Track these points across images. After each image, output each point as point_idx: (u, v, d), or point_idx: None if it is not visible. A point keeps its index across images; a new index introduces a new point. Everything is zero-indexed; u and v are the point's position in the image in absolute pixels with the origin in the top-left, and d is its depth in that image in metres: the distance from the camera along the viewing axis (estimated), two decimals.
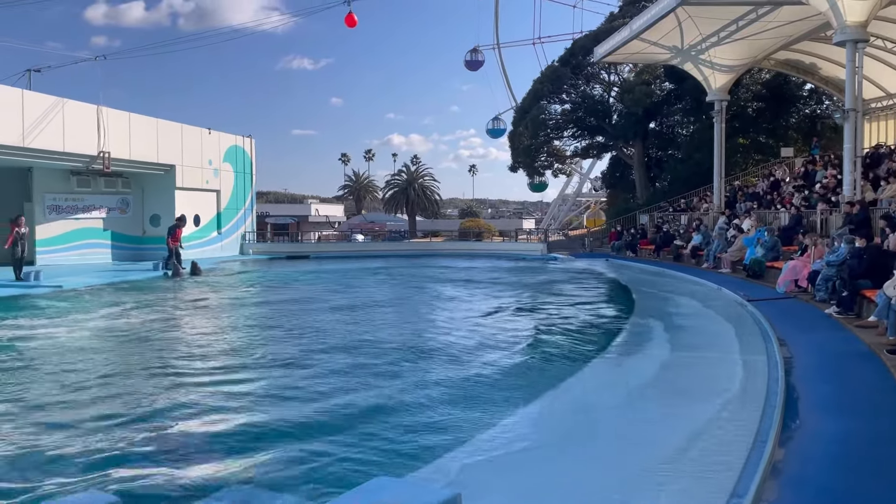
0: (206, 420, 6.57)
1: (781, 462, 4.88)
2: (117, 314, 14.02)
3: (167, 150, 29.27)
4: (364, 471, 5.16)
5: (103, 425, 6.34)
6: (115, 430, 6.17)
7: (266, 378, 8.42)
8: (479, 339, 10.89)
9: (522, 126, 37.72)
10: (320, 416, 6.64)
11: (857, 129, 16.69)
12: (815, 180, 21.28)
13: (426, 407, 6.98)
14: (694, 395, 6.84)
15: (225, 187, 33.48)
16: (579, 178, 54.42)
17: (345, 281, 21.87)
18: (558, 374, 8.23)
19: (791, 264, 14.40)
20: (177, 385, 7.97)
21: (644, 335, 10.67)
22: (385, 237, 47.83)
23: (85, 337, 11.27)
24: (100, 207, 28.50)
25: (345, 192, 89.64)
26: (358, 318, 13.43)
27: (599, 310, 14.70)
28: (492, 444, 5.63)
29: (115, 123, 26.49)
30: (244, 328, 12.78)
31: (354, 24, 31.69)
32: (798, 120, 33.28)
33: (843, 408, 6.18)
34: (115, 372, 8.72)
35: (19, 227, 19.78)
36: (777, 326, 10.10)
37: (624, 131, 35.72)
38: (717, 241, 21.11)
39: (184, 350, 10.33)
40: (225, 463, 5.44)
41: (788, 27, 21.13)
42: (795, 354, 8.33)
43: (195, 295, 17.91)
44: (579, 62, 36.31)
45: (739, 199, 25.31)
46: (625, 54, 27.09)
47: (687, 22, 21.76)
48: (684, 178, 32.43)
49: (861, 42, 16.39)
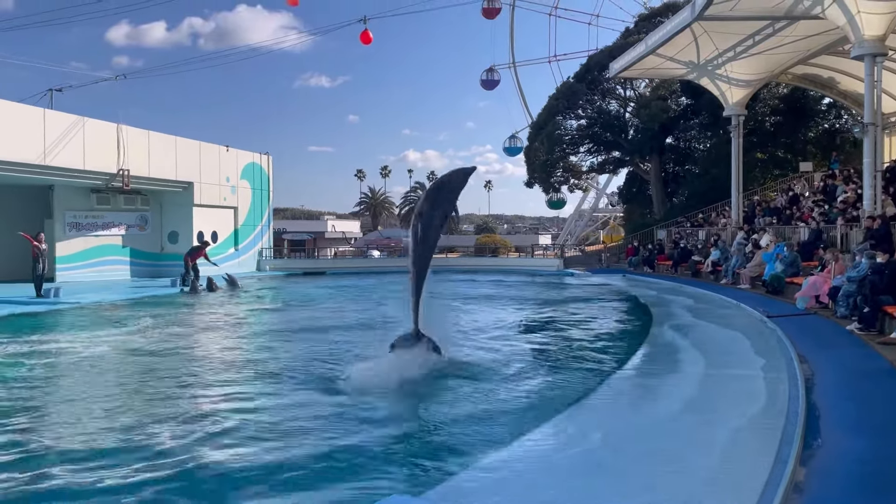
0: (221, 440, 6.56)
1: (803, 482, 4.78)
2: (133, 331, 14.11)
3: (185, 168, 29.59)
4: (380, 489, 5.13)
5: (113, 445, 6.36)
6: (124, 454, 6.17)
7: (277, 395, 8.41)
8: (494, 356, 10.83)
9: (538, 141, 37.76)
10: (333, 433, 6.60)
11: (876, 143, 16.53)
12: (835, 195, 21.06)
13: (442, 424, 6.93)
14: (713, 413, 6.74)
15: (242, 204, 33.75)
16: (595, 193, 54.29)
17: (360, 298, 21.89)
18: (576, 392, 8.15)
19: (811, 280, 14.22)
20: (186, 403, 7.98)
21: (661, 353, 10.55)
22: (401, 253, 47.90)
23: (100, 354, 11.33)
24: (119, 224, 28.82)
25: (361, 209, 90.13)
26: (371, 337, 13.42)
27: (615, 327, 14.59)
28: (508, 463, 5.57)
29: (134, 141, 26.85)
30: (259, 346, 12.81)
31: (370, 41, 32.08)
32: (816, 134, 33.03)
33: (865, 426, 6.06)
34: (126, 389, 8.75)
35: (39, 244, 20.02)
36: (797, 343, 9.96)
37: (640, 146, 35.64)
38: (735, 256, 20.93)
39: (195, 367, 10.36)
40: (240, 481, 5.42)
41: (805, 41, 21.02)
42: (816, 372, 8.20)
43: (211, 312, 18.00)
44: (595, 78, 36.36)
45: (758, 214, 25.11)
46: (640, 69, 27.07)
47: (703, 37, 21.72)
48: (702, 193, 32.26)
49: (880, 56, 16.28)
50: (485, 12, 49.83)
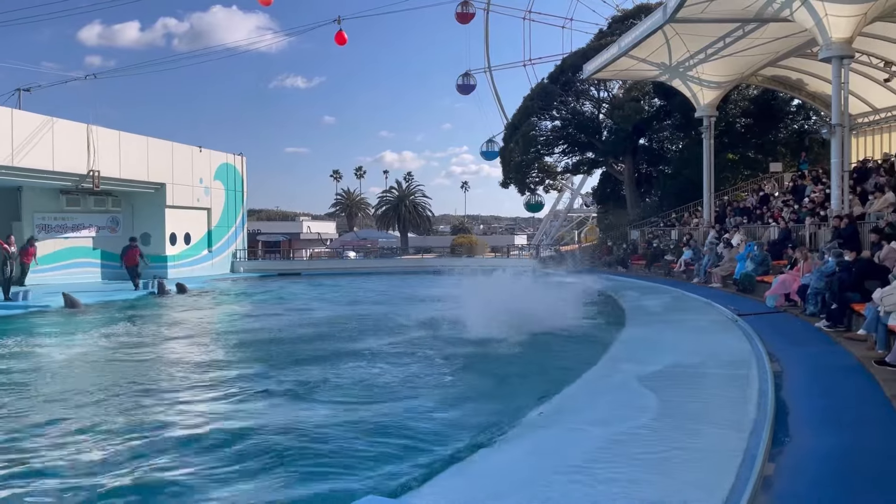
0: (187, 441, 6.50)
1: (772, 477, 4.86)
2: (100, 334, 13.92)
3: (157, 169, 29.23)
4: (354, 490, 5.12)
5: (75, 445, 6.28)
6: (86, 460, 6.10)
7: (249, 397, 8.35)
8: (468, 357, 10.84)
9: (513, 142, 37.87)
10: (307, 435, 6.58)
11: (844, 144, 16.83)
12: (804, 195, 21.41)
13: (416, 426, 6.93)
14: (683, 410, 6.81)
15: (216, 205, 33.43)
16: (570, 193, 54.58)
17: (327, 300, 21.80)
18: (547, 390, 8.19)
19: (781, 278, 14.44)
20: (149, 404, 7.91)
21: (632, 350, 10.64)
22: (377, 254, 47.79)
23: (66, 357, 11.17)
24: (89, 226, 28.40)
25: (336, 209, 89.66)
26: (343, 338, 13.38)
27: (586, 325, 14.66)
28: (481, 464, 5.59)
29: (105, 142, 26.45)
30: (226, 348, 12.70)
31: (344, 41, 31.99)
32: (786, 135, 33.54)
33: (833, 422, 6.17)
34: (89, 391, 8.64)
35: (9, 247, 19.67)
36: (767, 340, 10.11)
37: (614, 147, 35.92)
38: (707, 255, 21.19)
39: (162, 370, 10.25)
40: (208, 478, 5.38)
41: (775, 44, 21.35)
42: (785, 368, 8.34)
43: (179, 315, 17.82)
44: (569, 79, 36.54)
45: (729, 214, 25.43)
46: (614, 71, 27.29)
47: (675, 39, 21.96)
48: (674, 193, 32.59)
49: (846, 58, 16.59)
50: (459, 17, 49.82)
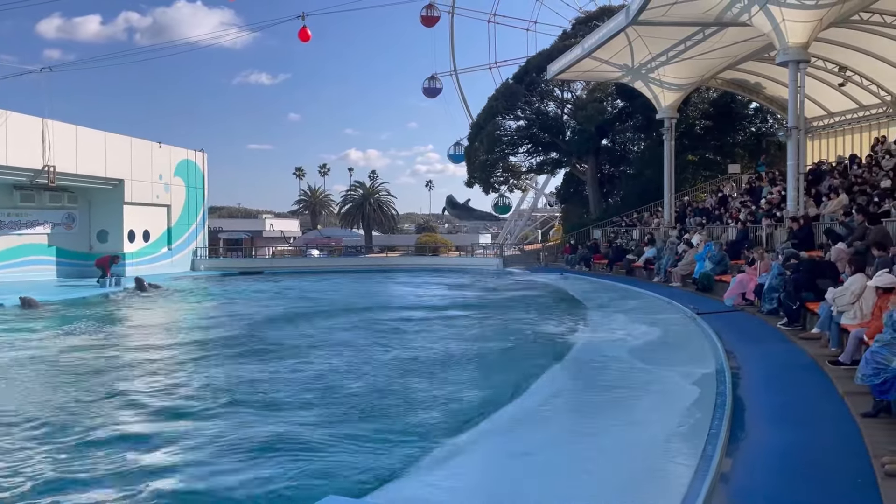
0: (149, 450, 6.38)
1: (729, 472, 4.95)
2: (53, 334, 13.60)
3: (115, 165, 28.61)
4: (315, 488, 5.07)
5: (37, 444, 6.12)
6: (50, 449, 5.96)
7: (206, 399, 8.23)
8: (431, 355, 10.84)
9: (478, 141, 37.97)
10: (266, 434, 6.50)
11: (799, 146, 17.22)
12: (761, 196, 21.84)
13: (379, 422, 6.90)
14: (641, 406, 6.90)
15: (176, 202, 32.86)
16: (534, 193, 54.91)
17: (275, 299, 21.63)
18: (508, 388, 8.22)
19: (738, 278, 14.71)
20: (112, 406, 7.76)
21: (592, 348, 10.76)
22: (341, 252, 47.46)
23: (16, 358, 10.88)
24: (44, 223, 27.68)
25: (300, 207, 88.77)
26: (300, 339, 13.27)
27: (546, 323, 14.76)
28: (441, 462, 5.59)
29: (61, 137, 25.79)
30: (181, 347, 12.51)
31: (308, 38, 31.64)
32: (744, 137, 34.20)
33: (788, 418, 6.31)
34: (43, 391, 8.43)
35: None
36: (725, 339, 10.30)
37: (577, 147, 36.25)
38: (666, 255, 21.49)
39: (122, 372, 10.05)
40: (167, 481, 5.29)
41: (734, 47, 21.75)
42: (742, 366, 8.49)
43: (137, 312, 17.51)
44: (533, 80, 36.76)
45: (689, 214, 25.83)
46: (577, 72, 27.52)
47: (637, 41, 22.22)
48: (636, 193, 33.01)
49: (803, 62, 16.97)
50: (424, 20, 49.65)
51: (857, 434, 5.57)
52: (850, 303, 8.60)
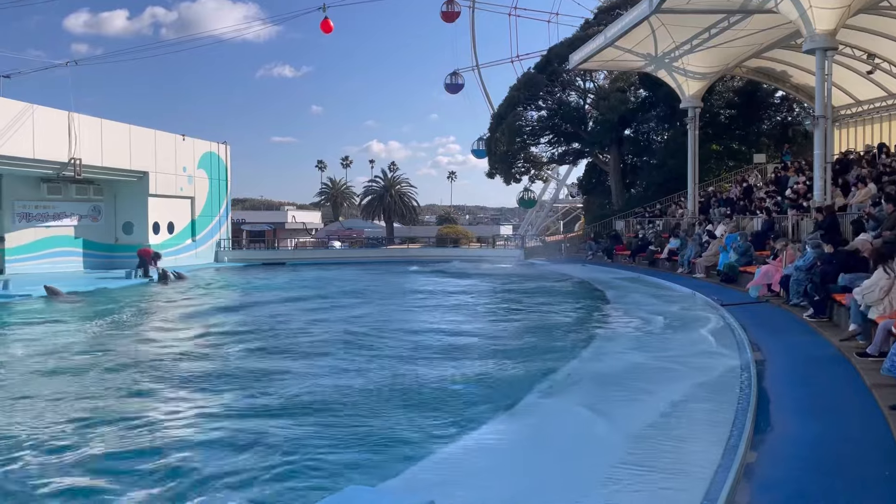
0: (175, 429, 6.47)
1: (754, 465, 4.90)
2: (81, 324, 13.82)
3: (140, 157, 28.93)
4: (337, 480, 5.10)
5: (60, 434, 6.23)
6: (77, 438, 6.06)
7: (231, 388, 8.31)
8: (458, 344, 10.85)
9: (499, 132, 37.81)
10: (289, 425, 6.55)
11: (826, 135, 16.93)
12: (787, 186, 21.54)
13: (398, 416, 6.93)
14: (664, 398, 6.86)
15: (199, 194, 33.17)
16: (556, 184, 54.63)
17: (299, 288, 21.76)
18: (530, 381, 8.21)
19: (764, 269, 14.54)
20: (138, 393, 7.86)
21: (616, 340, 10.71)
22: (362, 244, 47.63)
23: (47, 349, 11.07)
24: (71, 215, 28.09)
25: (322, 199, 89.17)
26: (312, 325, 13.35)
27: (570, 315, 14.71)
28: (464, 453, 5.60)
29: (86, 130, 26.14)
30: (213, 337, 12.64)
31: (330, 29, 31.72)
32: (770, 126, 33.72)
33: (814, 411, 6.23)
34: (74, 386, 8.57)
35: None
36: (749, 330, 10.19)
37: (599, 138, 35.97)
38: (690, 246, 21.30)
39: (151, 361, 10.18)
40: (192, 473, 5.35)
41: (760, 35, 21.41)
42: (767, 358, 8.40)
43: (161, 302, 17.73)
44: (555, 69, 36.50)
45: (713, 205, 25.57)
46: (600, 62, 27.28)
47: (660, 30, 21.97)
48: (659, 184, 32.71)
49: (830, 50, 16.65)
50: (444, 16, 49.23)
51: (884, 426, 5.48)
52: (880, 299, 8.44)
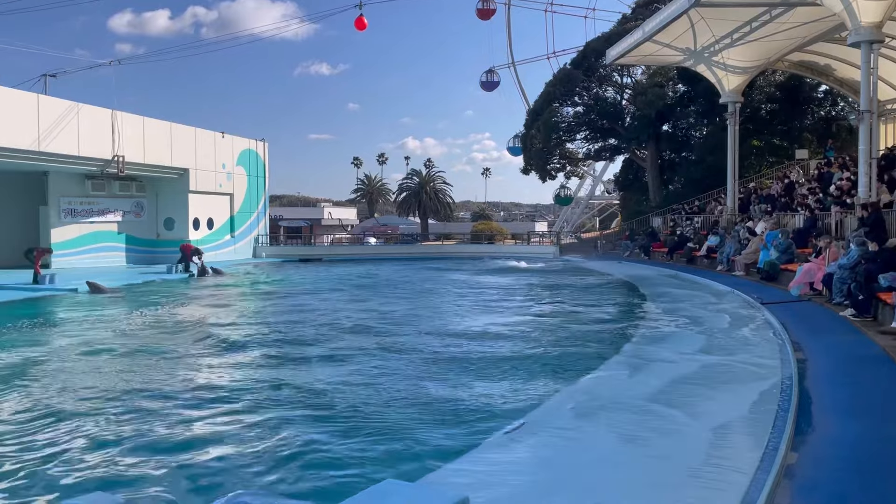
0: (213, 421, 6.59)
1: (794, 466, 4.82)
2: (126, 316, 14.14)
3: (181, 154, 29.49)
4: (373, 474, 5.15)
5: (112, 426, 6.39)
6: (124, 431, 6.21)
7: (267, 379, 8.42)
8: (493, 339, 10.86)
9: (534, 129, 37.67)
10: (326, 418, 6.63)
11: (872, 130, 16.52)
12: (830, 182, 21.08)
13: (437, 410, 6.96)
14: (705, 399, 6.78)
15: (238, 191, 33.68)
16: (592, 180, 54.23)
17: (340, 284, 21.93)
18: (568, 376, 8.19)
19: (806, 267, 14.26)
20: (185, 380, 8.02)
21: (655, 339, 10.61)
22: (397, 240, 47.87)
23: (96, 339, 11.35)
24: (114, 211, 28.77)
25: (358, 196, 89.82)
26: (357, 322, 13.45)
27: (606, 312, 14.60)
28: (501, 447, 5.61)
29: (129, 127, 26.73)
30: (252, 325, 12.84)
31: (364, 27, 31.92)
32: (813, 121, 33.03)
33: (857, 411, 6.10)
34: (118, 371, 8.78)
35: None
36: (791, 329, 10.01)
37: (637, 133, 35.60)
38: (729, 243, 20.97)
39: (196, 350, 10.37)
40: (226, 463, 5.45)
41: (802, 28, 20.97)
42: (809, 358, 8.25)
43: (200, 296, 18.05)
44: (591, 65, 36.22)
45: (753, 202, 25.14)
46: (637, 56, 26.98)
47: (700, 24, 21.64)
48: (697, 180, 32.28)
49: (876, 43, 16.24)
50: (480, 13, 49.08)
51: None
52: None
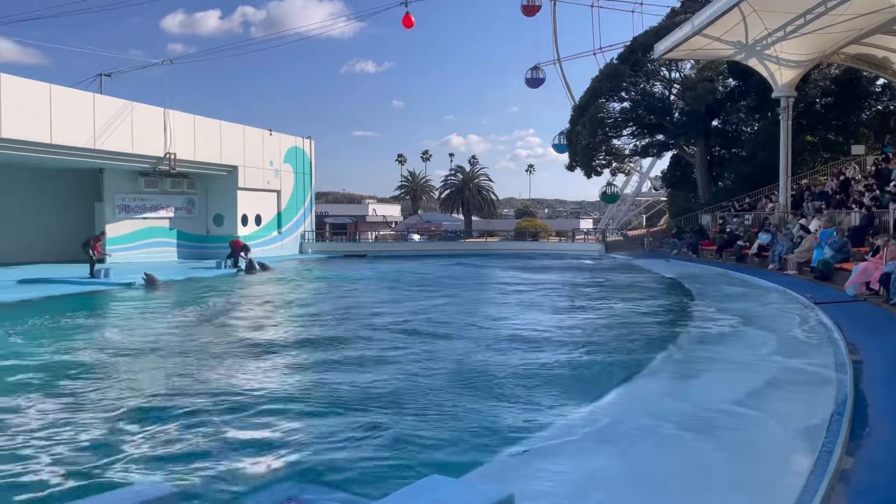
0: (256, 412, 6.70)
1: (849, 471, 4.69)
2: (180, 309, 14.49)
3: (230, 152, 30.07)
4: (417, 469, 5.18)
5: (156, 416, 6.55)
6: (168, 422, 6.36)
7: (315, 374, 8.52)
8: (539, 337, 10.81)
9: (580, 125, 37.30)
10: (371, 412, 6.68)
11: None
12: (889, 179, 20.41)
13: (482, 405, 6.96)
14: (755, 399, 6.64)
15: (285, 187, 34.18)
16: (639, 177, 53.48)
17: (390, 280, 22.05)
18: (619, 376, 8.10)
19: (862, 266, 13.83)
20: (227, 375, 8.18)
21: (705, 340, 10.42)
22: (441, 237, 47.98)
23: (151, 333, 11.65)
24: (166, 207, 29.49)
25: (402, 193, 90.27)
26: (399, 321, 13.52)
27: (656, 311, 14.38)
28: (547, 445, 5.58)
29: (180, 126, 27.37)
30: (301, 320, 13.01)
31: (412, 24, 31.96)
32: (870, 116, 32.00)
33: None
34: (173, 360, 8.99)
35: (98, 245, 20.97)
36: (846, 330, 9.72)
37: (685, 129, 34.96)
38: (781, 241, 20.47)
39: (243, 341, 10.57)
40: (275, 456, 5.53)
41: (859, 20, 20.32)
42: (865, 359, 8.00)
43: (248, 291, 18.37)
44: (639, 59, 35.69)
45: (807, 199, 24.49)
46: (686, 51, 26.51)
47: (752, 16, 21.16)
48: (748, 176, 31.56)
49: None
50: (525, 10, 48.73)
51: None
52: None
